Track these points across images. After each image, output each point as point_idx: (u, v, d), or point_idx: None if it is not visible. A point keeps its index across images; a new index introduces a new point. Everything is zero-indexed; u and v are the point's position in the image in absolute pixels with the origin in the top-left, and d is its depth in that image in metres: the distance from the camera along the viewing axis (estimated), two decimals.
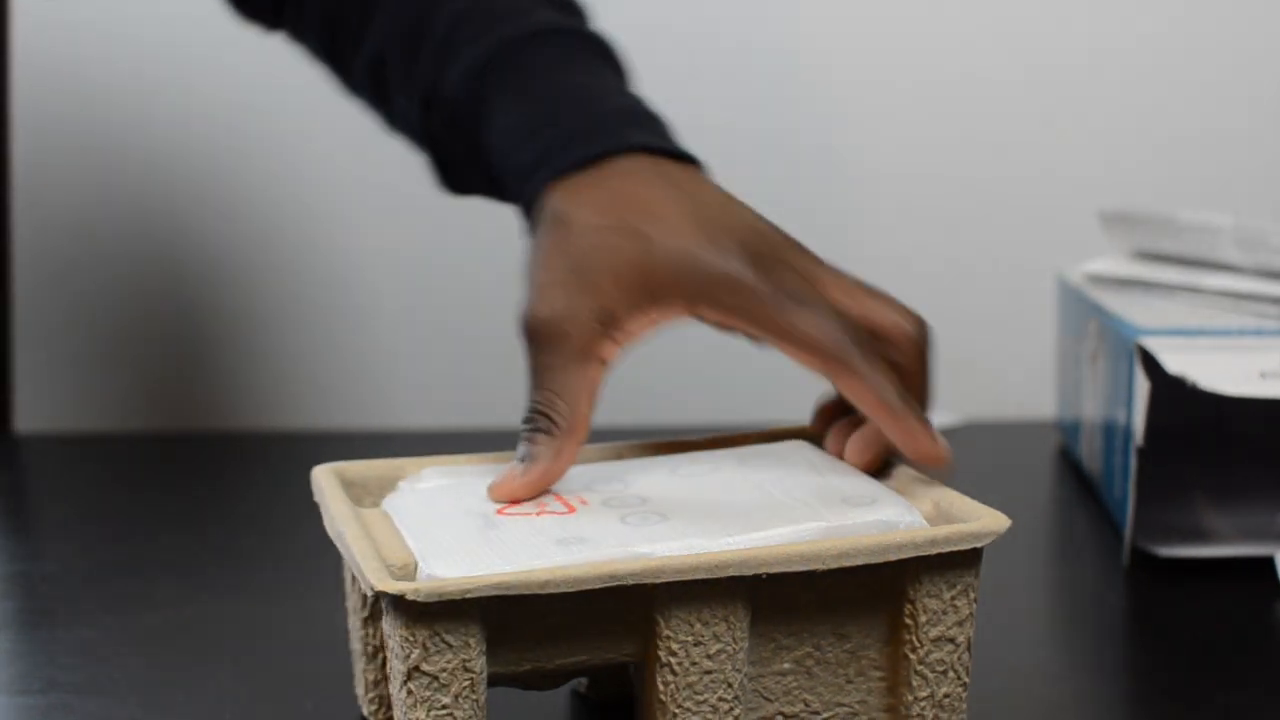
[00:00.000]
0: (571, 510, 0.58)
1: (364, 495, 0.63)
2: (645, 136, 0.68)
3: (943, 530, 0.56)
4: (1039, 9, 1.22)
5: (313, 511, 0.61)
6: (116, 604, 0.76)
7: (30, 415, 1.19)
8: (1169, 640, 0.73)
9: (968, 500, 0.59)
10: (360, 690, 0.61)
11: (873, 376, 0.60)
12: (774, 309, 0.61)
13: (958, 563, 0.57)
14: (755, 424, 0.71)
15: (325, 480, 0.61)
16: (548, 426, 0.61)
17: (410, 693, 0.52)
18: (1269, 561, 0.79)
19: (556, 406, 0.61)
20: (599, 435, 0.70)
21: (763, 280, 0.61)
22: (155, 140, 1.25)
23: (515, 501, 0.59)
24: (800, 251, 0.64)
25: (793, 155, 1.21)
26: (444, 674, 0.52)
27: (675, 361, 1.24)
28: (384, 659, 0.59)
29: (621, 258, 0.62)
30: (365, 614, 0.59)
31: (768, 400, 1.11)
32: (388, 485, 0.63)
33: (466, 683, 0.52)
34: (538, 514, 0.58)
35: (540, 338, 0.62)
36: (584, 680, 0.63)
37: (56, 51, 1.22)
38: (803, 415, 0.71)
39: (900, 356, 0.62)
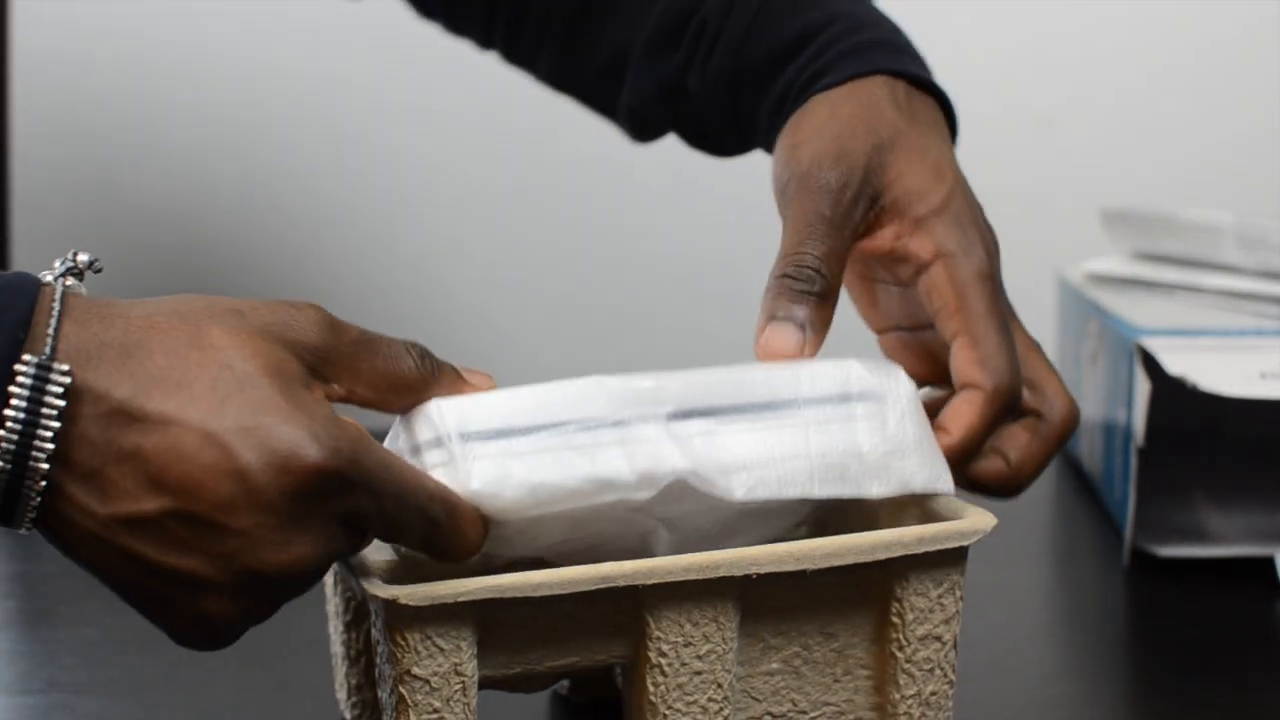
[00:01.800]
0: None
1: None
2: (929, 77, 0.68)
3: (930, 529, 0.56)
4: (1039, 9, 1.21)
5: None
6: (116, 604, 0.76)
7: None
8: (1169, 640, 0.73)
9: (953, 499, 0.59)
10: (342, 695, 0.61)
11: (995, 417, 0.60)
12: (989, 308, 0.60)
13: (944, 561, 0.57)
14: None
15: None
16: (823, 290, 0.59)
17: (402, 697, 0.52)
18: (1269, 561, 0.78)
19: (830, 267, 0.59)
20: None
21: (1001, 291, 0.62)
22: (156, 140, 1.25)
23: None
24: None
25: None
26: (435, 678, 0.52)
27: (675, 358, 1.24)
28: (367, 663, 0.59)
29: (917, 163, 0.62)
30: (348, 617, 0.59)
31: None
32: None
33: (458, 686, 0.52)
34: None
35: (820, 183, 0.60)
36: (566, 682, 0.63)
37: (56, 51, 1.22)
38: None
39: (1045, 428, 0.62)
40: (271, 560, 0.49)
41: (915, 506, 0.59)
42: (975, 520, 0.57)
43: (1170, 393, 0.78)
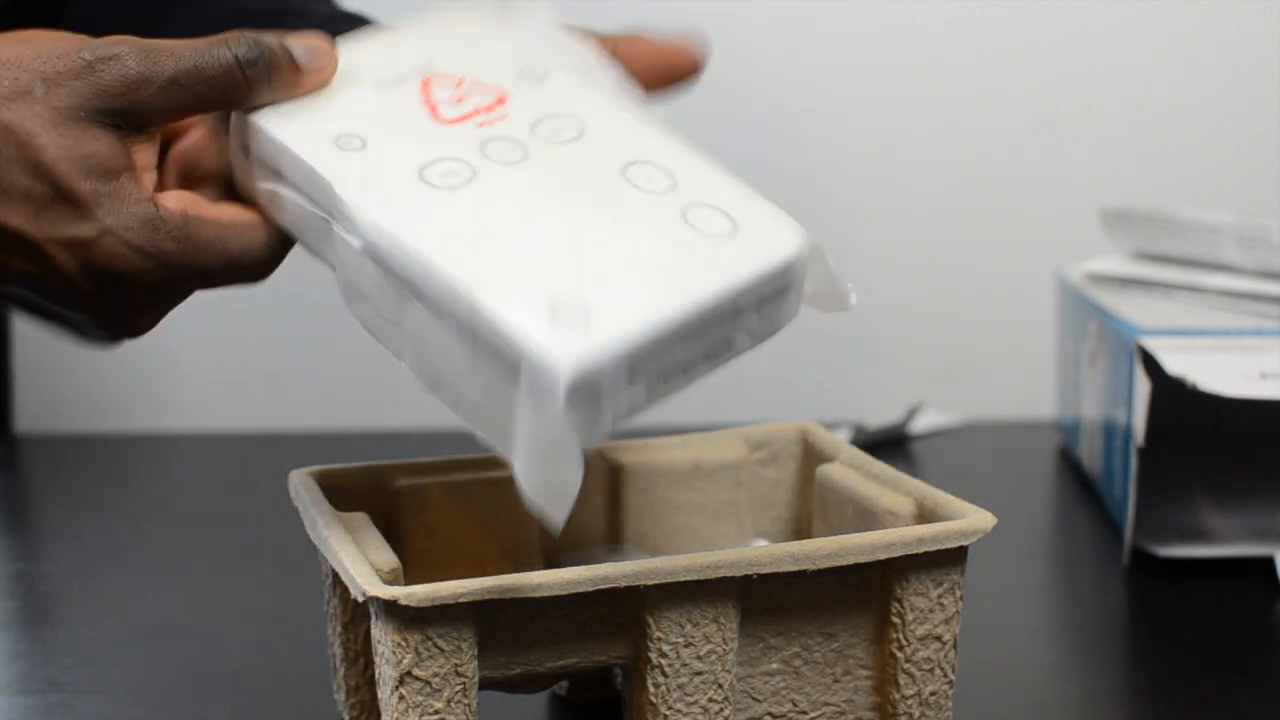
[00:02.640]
0: (490, 109, 0.57)
1: (342, 500, 0.62)
2: None
3: (930, 528, 0.57)
4: (1040, 9, 1.22)
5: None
6: (116, 604, 0.76)
7: (30, 415, 1.19)
8: (1169, 640, 0.73)
9: (953, 499, 0.59)
10: (341, 696, 0.61)
11: None
12: None
13: (944, 561, 0.57)
14: (753, 424, 0.71)
15: (305, 485, 0.61)
16: None
17: (402, 698, 0.52)
18: (1269, 561, 0.78)
19: None
20: None
21: None
22: None
23: None
24: None
25: (792, 152, 1.21)
26: (436, 679, 0.52)
27: None
28: (365, 664, 0.59)
29: None
30: (347, 619, 0.59)
31: (766, 400, 1.11)
32: (365, 490, 0.63)
33: (459, 687, 0.52)
34: (455, 114, 0.57)
35: None
36: (564, 683, 0.63)
37: None
38: (801, 415, 0.71)
39: None
40: (134, 327, 0.55)
41: (916, 505, 0.60)
42: (975, 520, 0.57)
43: (1170, 393, 0.78)
